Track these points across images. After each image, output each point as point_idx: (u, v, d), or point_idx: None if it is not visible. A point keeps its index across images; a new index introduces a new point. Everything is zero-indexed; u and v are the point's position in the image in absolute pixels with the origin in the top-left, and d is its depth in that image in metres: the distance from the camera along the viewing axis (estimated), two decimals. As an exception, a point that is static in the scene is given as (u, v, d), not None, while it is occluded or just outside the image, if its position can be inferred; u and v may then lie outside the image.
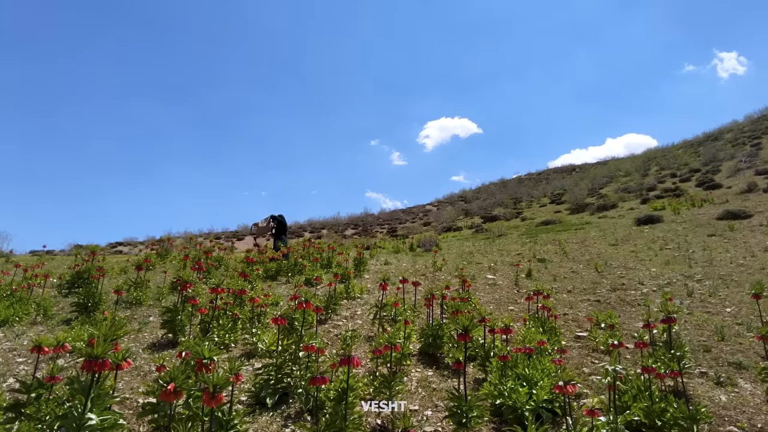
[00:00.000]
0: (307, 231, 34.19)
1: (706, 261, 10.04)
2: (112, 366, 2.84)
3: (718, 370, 5.09)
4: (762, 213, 14.14)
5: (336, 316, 6.90)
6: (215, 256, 10.91)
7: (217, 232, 36.14)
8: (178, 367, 2.78)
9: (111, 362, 2.83)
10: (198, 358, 3.13)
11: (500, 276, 10.16)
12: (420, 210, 42.71)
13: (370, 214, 42.13)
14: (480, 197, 40.34)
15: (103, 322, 3.91)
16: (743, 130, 32.99)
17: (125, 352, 3.03)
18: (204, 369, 3.06)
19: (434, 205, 44.94)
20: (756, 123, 34.19)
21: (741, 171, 21.57)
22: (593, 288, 8.80)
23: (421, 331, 5.40)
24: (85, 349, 2.32)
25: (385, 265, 11.73)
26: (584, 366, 5.22)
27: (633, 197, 22.62)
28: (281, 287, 8.86)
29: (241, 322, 5.87)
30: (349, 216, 41.30)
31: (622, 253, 11.65)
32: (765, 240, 11.25)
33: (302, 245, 12.35)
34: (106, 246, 28.15)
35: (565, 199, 26.92)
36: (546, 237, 15.64)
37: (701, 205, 17.13)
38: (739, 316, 6.85)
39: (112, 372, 3.12)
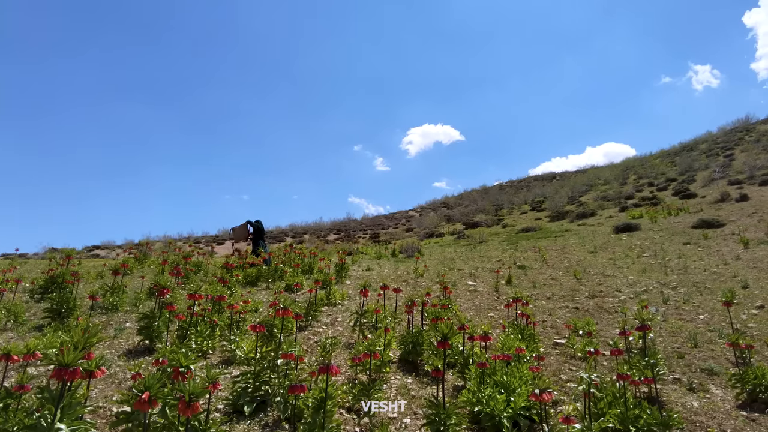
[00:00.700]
0: (289, 236, 33.97)
1: (681, 269, 10.26)
2: (84, 374, 2.78)
3: (690, 376, 5.20)
4: (734, 222, 14.51)
5: (316, 322, 6.86)
6: (194, 261, 10.77)
7: (197, 237, 35.69)
8: (153, 375, 2.73)
9: (83, 370, 2.77)
10: (175, 365, 3.08)
11: (481, 282, 10.23)
12: (403, 216, 42.80)
13: (353, 219, 42.05)
14: (462, 203, 40.61)
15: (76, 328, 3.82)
16: (717, 141, 33.88)
17: (99, 359, 2.96)
18: (180, 377, 3.02)
19: (417, 210, 45.07)
20: (729, 134, 35.15)
21: (715, 181, 22.13)
22: (572, 295, 8.91)
23: (402, 338, 5.41)
24: (56, 357, 2.27)
25: (367, 271, 11.71)
26: (562, 373, 5.29)
27: (612, 205, 23.02)
28: (261, 293, 8.78)
29: (220, 329, 5.80)
30: (331, 221, 41.16)
31: (601, 261, 11.84)
32: (736, 249, 11.55)
33: (283, 250, 12.26)
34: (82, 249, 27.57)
35: (545, 207, 27.26)
36: (526, 244, 15.81)
37: (677, 214, 17.52)
38: (712, 323, 7.01)
39: (85, 380, 3.05)
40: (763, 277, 9.09)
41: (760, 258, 10.43)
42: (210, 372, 3.04)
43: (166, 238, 31.62)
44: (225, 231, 36.70)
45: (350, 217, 42.36)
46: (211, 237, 35.44)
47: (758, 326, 6.80)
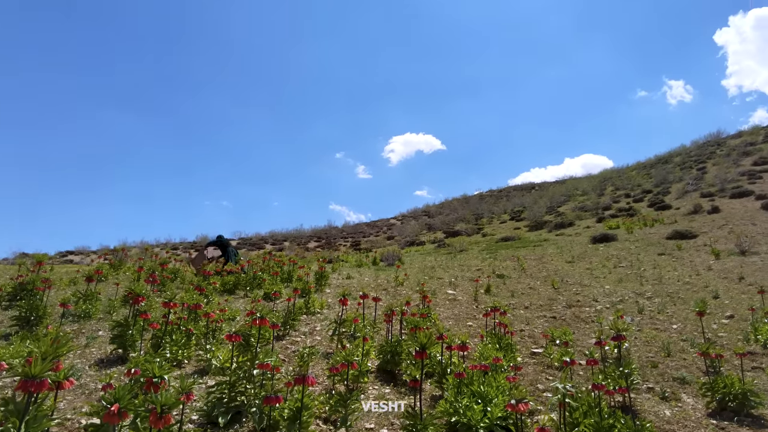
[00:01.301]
0: (269, 243, 33.67)
1: (656, 279, 10.47)
2: (52, 385, 2.70)
3: (663, 385, 5.30)
4: (706, 233, 14.89)
5: (294, 331, 6.80)
6: (171, 268, 10.59)
7: (175, 243, 35.15)
8: (124, 386, 2.67)
9: (51, 381, 2.69)
10: (148, 376, 3.01)
11: (460, 291, 10.27)
12: (384, 224, 42.82)
13: (334, 226, 41.93)
14: (443, 212, 40.83)
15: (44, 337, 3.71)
16: (690, 155, 34.80)
17: (68, 369, 2.89)
18: (153, 388, 2.95)
19: (398, 219, 45.15)
20: (701, 148, 36.16)
21: (688, 193, 22.70)
22: (550, 304, 9.01)
23: (380, 348, 5.39)
24: (22, 368, 2.20)
25: (348, 279, 11.67)
26: (539, 382, 5.33)
27: (589, 216, 23.40)
28: (239, 301, 8.67)
29: (196, 338, 5.70)
30: (312, 228, 40.95)
31: (578, 271, 12.01)
32: (708, 260, 11.85)
33: (262, 258, 12.14)
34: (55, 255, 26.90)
35: (524, 216, 27.58)
36: (505, 253, 15.95)
37: (652, 225, 17.90)
38: (684, 332, 7.16)
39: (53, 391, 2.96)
40: (733, 288, 9.33)
41: (730, 269, 10.71)
42: (184, 382, 2.98)
43: (143, 244, 31.07)
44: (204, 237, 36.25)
45: (331, 225, 42.25)
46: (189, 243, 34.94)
47: (728, 335, 6.97)
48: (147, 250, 16.60)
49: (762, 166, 24.18)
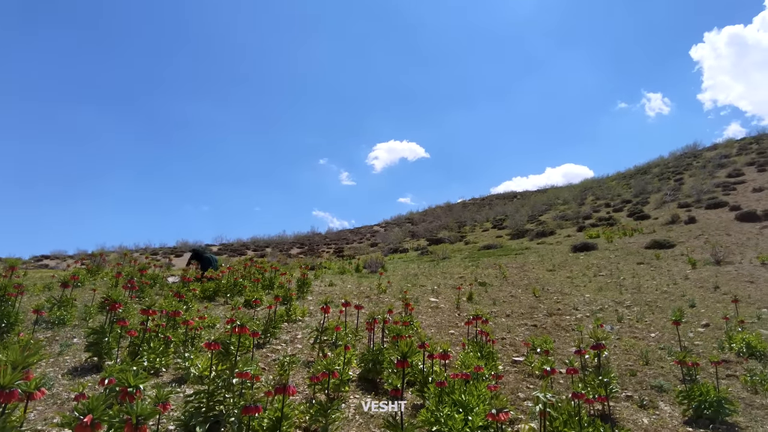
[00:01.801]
0: (251, 249, 33.36)
1: (635, 288, 10.63)
2: (21, 396, 2.62)
3: (642, 393, 5.37)
4: (683, 243, 15.20)
5: (275, 339, 6.72)
6: (150, 274, 10.40)
7: (155, 248, 34.63)
8: (98, 396, 2.60)
9: (21, 392, 2.61)
10: (123, 385, 2.94)
11: (443, 299, 10.29)
12: (368, 230, 42.79)
13: (317, 233, 41.79)
14: (426, 220, 40.98)
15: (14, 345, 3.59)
16: (668, 166, 35.59)
17: (40, 378, 2.80)
18: (128, 398, 2.88)
19: (382, 226, 45.18)
20: (679, 159, 37.01)
21: (666, 203, 23.17)
22: (531, 312, 9.08)
23: (362, 356, 5.36)
24: (-9, 378, 2.13)
25: (330, 286, 11.60)
26: (520, 391, 5.35)
27: (570, 225, 23.71)
28: (219, 308, 8.55)
29: (174, 346, 5.60)
30: (295, 235, 40.77)
31: (559, 279, 12.14)
32: (685, 269, 12.08)
33: (244, 264, 12.01)
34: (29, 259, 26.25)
35: (506, 225, 27.83)
36: (487, 261, 16.05)
37: (632, 235, 18.21)
38: (662, 341, 7.28)
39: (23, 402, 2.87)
40: (709, 297, 9.53)
41: (706, 278, 10.94)
42: (161, 391, 2.92)
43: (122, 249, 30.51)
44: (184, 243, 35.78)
45: (314, 231, 42.10)
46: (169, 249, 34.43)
47: (704, 344, 7.10)
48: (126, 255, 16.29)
49: (736, 178, 24.81)
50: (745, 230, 15.79)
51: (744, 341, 6.61)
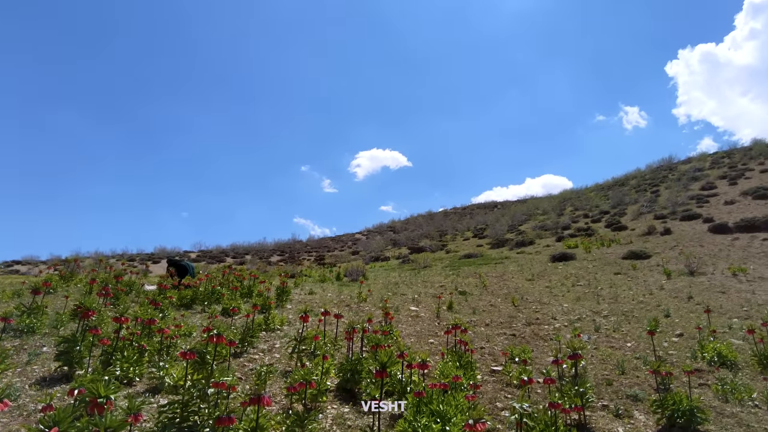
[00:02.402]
0: (230, 256, 32.97)
1: (612, 298, 10.79)
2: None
3: (617, 402, 5.43)
4: (659, 254, 15.51)
5: (253, 349, 6.63)
6: (126, 281, 10.20)
7: (132, 254, 34.00)
8: (66, 408, 2.53)
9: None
10: (93, 396, 2.87)
11: (423, 308, 10.30)
12: (349, 238, 42.69)
13: (298, 240, 41.54)
14: (408, 228, 41.07)
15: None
16: (645, 178, 36.37)
17: (5, 389, 2.71)
18: (98, 409, 2.81)
19: (364, 234, 45.13)
20: (655, 172, 37.86)
21: (643, 215, 23.64)
22: (510, 322, 9.14)
23: (340, 366, 5.32)
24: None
25: (310, 294, 11.52)
26: (497, 401, 5.37)
27: (549, 235, 24.00)
28: (196, 316, 8.42)
29: (149, 354, 5.48)
30: (275, 242, 40.46)
31: (538, 288, 12.26)
32: (661, 279, 12.32)
33: (222, 272, 11.86)
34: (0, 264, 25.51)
35: (487, 234, 28.05)
36: (468, 270, 16.14)
37: (609, 245, 18.50)
38: (638, 350, 7.39)
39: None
40: (683, 307, 9.72)
41: (680, 288, 11.17)
42: (133, 402, 2.85)
43: (98, 254, 29.91)
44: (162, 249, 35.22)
45: (295, 239, 41.85)
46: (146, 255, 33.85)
47: (678, 353, 7.23)
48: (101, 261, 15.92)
49: (709, 190, 25.46)
50: (717, 242, 16.19)
51: (715, 351, 6.75)
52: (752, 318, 8.65)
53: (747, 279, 11.60)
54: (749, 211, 19.42)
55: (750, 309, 9.28)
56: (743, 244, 15.30)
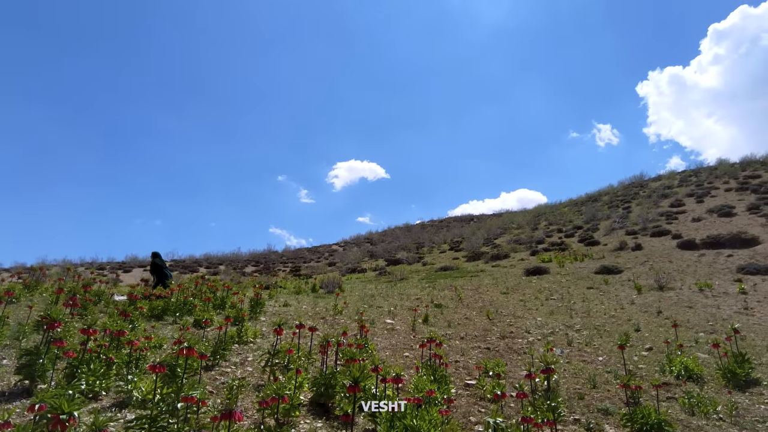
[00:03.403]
0: (204, 266, 32.43)
1: (584, 312, 10.97)
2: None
3: (589, 416, 5.50)
4: (630, 269, 15.87)
5: (225, 362, 6.51)
6: (95, 290, 9.91)
7: (102, 263, 33.15)
8: (25, 426, 2.44)
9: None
10: (55, 411, 2.77)
11: (399, 320, 10.29)
12: (326, 249, 42.49)
13: (274, 251, 41.13)
14: (386, 240, 41.12)
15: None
16: (617, 194, 37.27)
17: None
18: (60, 426, 2.71)
19: (341, 245, 44.98)
20: (627, 188, 38.85)
21: (615, 230, 24.18)
22: (484, 335, 9.20)
23: (314, 380, 5.26)
24: None
25: (285, 306, 11.40)
26: (471, 415, 5.38)
27: (524, 249, 24.33)
28: (167, 328, 8.23)
29: (117, 367, 5.33)
30: (250, 252, 40.00)
31: (512, 302, 12.39)
32: (632, 294, 12.60)
33: (195, 282, 11.64)
34: (-41, 272, 24.52)
35: (463, 247, 28.27)
36: (444, 282, 16.22)
37: (582, 260, 18.86)
38: (609, 364, 7.51)
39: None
40: (652, 321, 9.95)
41: (650, 303, 11.44)
42: (98, 417, 2.77)
43: (65, 262, 29.03)
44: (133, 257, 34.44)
45: (271, 249, 41.43)
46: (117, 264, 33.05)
47: (647, 367, 7.38)
48: (69, 269, 15.43)
49: (678, 207, 26.24)
50: (685, 257, 16.66)
51: (682, 365, 6.92)
52: (717, 332, 8.91)
53: (712, 294, 11.95)
54: (715, 228, 20.07)
55: (715, 323, 9.56)
56: (709, 260, 15.78)
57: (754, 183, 27.71)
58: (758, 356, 7.58)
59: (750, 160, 36.02)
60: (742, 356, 6.69)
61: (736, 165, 35.63)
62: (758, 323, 9.50)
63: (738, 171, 32.64)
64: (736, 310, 10.46)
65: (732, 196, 26.03)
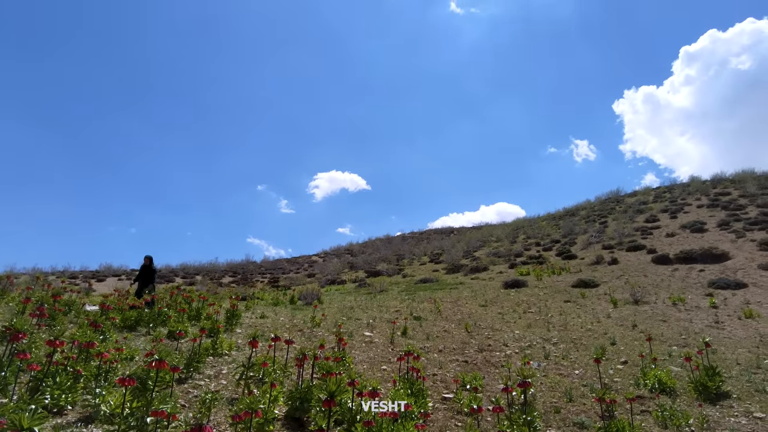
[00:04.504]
0: (180, 276, 31.84)
1: (561, 325, 11.07)
2: None
3: (564, 430, 5.52)
4: (606, 283, 16.11)
5: (199, 374, 6.37)
6: (65, 300, 9.63)
7: (74, 271, 32.28)
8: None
9: None
10: (14, 427, 2.65)
11: (377, 333, 10.22)
12: (306, 260, 42.15)
13: (252, 261, 40.65)
14: (366, 251, 41.01)
15: None
16: (594, 209, 37.92)
17: None
18: (20, 442, 2.59)
19: (321, 256, 44.69)
20: (604, 204, 39.57)
21: (592, 245, 24.55)
22: (462, 348, 9.19)
23: (289, 394, 5.17)
24: None
25: (261, 318, 11.23)
26: (448, 429, 5.35)
27: (503, 261, 24.52)
28: (140, 339, 8.03)
29: (84, 380, 5.16)
30: (227, 262, 39.43)
31: (491, 315, 12.43)
32: (608, 308, 12.77)
33: (170, 292, 11.41)
34: None
35: (443, 259, 28.35)
36: (423, 295, 16.21)
37: (560, 273, 19.07)
38: (585, 377, 7.57)
39: None
40: (628, 335, 10.08)
41: (626, 317, 11.60)
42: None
43: (35, 271, 28.21)
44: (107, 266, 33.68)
45: (249, 259, 40.94)
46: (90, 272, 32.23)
47: (622, 380, 7.46)
48: (39, 278, 14.98)
49: (652, 223, 26.80)
50: (659, 272, 16.99)
51: (656, 378, 7.01)
52: (689, 346, 9.07)
53: (685, 308, 12.19)
54: (687, 243, 20.54)
55: (687, 337, 9.73)
56: (682, 275, 16.12)
57: (724, 200, 28.51)
58: (728, 369, 7.73)
59: (720, 177, 37.10)
60: (713, 369, 6.82)
61: (707, 182, 36.66)
62: (728, 337, 9.71)
63: (709, 188, 33.57)
64: (707, 324, 10.68)
65: (704, 213, 26.71)
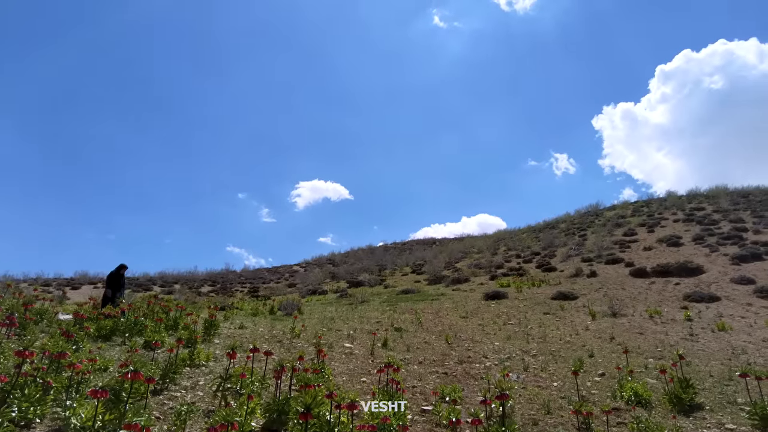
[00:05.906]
0: (158, 285, 31.29)
1: (540, 337, 11.16)
2: None
3: (542, 443, 5.55)
4: (585, 295, 16.32)
5: (175, 386, 6.25)
6: (37, 308, 9.37)
7: (48, 279, 31.50)
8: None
9: None
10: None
11: (358, 344, 10.18)
12: (287, 270, 41.83)
13: (232, 270, 40.20)
14: (348, 261, 40.87)
15: None
16: (574, 222, 38.49)
17: None
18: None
19: (302, 266, 44.39)
20: (583, 217, 40.20)
21: (571, 257, 24.89)
22: (443, 360, 9.20)
23: (267, 406, 5.11)
24: None
25: (240, 329, 11.09)
26: (426, 441, 5.33)
27: (483, 273, 24.68)
28: (115, 349, 7.85)
29: (55, 392, 5.02)
30: (207, 271, 38.93)
31: (471, 326, 12.48)
32: (586, 320, 12.92)
33: (147, 301, 11.20)
34: None
35: (424, 270, 28.42)
36: (405, 306, 16.21)
37: (539, 285, 19.27)
38: (563, 390, 7.63)
39: None
40: (605, 347, 10.21)
41: (604, 329, 11.76)
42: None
43: (6, 278, 27.45)
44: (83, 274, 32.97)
45: (229, 269, 40.49)
46: (64, 280, 31.50)
47: (599, 393, 7.54)
48: (9, 285, 14.55)
49: (630, 236, 27.30)
50: (637, 285, 17.29)
51: (633, 390, 7.10)
52: (665, 358, 9.22)
53: (661, 321, 12.41)
54: (664, 257, 20.96)
55: (663, 349, 9.90)
56: (659, 288, 16.43)
57: (699, 215, 29.22)
58: (702, 381, 7.87)
59: (695, 193, 38.08)
60: (686, 381, 6.93)
61: (683, 197, 37.58)
62: (702, 349, 9.90)
63: (685, 203, 34.40)
64: (682, 336, 10.88)
65: (679, 227, 27.32)
